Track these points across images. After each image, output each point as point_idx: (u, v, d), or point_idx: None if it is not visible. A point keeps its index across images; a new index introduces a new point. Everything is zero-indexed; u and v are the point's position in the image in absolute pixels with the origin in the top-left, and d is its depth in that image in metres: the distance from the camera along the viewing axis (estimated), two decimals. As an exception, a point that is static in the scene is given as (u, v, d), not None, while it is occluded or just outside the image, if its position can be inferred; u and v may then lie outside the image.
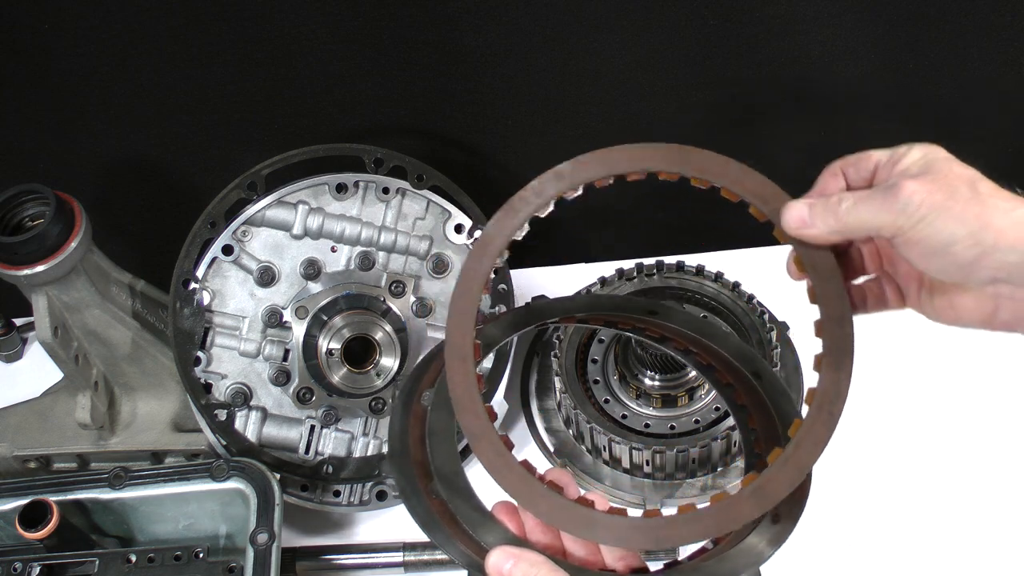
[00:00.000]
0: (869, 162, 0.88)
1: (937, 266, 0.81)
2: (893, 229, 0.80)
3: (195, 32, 1.43)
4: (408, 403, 0.94)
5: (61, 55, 1.44)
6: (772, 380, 1.00)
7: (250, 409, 1.41)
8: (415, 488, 0.88)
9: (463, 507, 0.86)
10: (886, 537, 1.34)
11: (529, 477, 0.80)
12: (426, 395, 0.93)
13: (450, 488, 0.87)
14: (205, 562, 1.23)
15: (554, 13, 1.42)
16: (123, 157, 1.60)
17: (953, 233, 0.78)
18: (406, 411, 0.93)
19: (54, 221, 1.26)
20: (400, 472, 0.90)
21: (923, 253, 0.80)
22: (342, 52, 1.47)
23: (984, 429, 1.42)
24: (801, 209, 0.85)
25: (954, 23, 1.45)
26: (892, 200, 0.80)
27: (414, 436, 0.91)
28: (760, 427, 0.97)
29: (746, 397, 1.01)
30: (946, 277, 0.82)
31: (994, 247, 0.78)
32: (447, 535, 0.86)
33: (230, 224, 1.41)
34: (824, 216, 0.83)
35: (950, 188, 0.80)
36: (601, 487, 1.43)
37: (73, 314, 1.36)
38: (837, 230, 0.83)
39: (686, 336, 1.08)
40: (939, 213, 0.78)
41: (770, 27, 1.44)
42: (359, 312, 1.43)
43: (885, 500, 1.37)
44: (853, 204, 0.82)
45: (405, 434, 0.91)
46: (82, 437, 1.44)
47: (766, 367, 1.02)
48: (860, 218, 0.81)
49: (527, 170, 1.79)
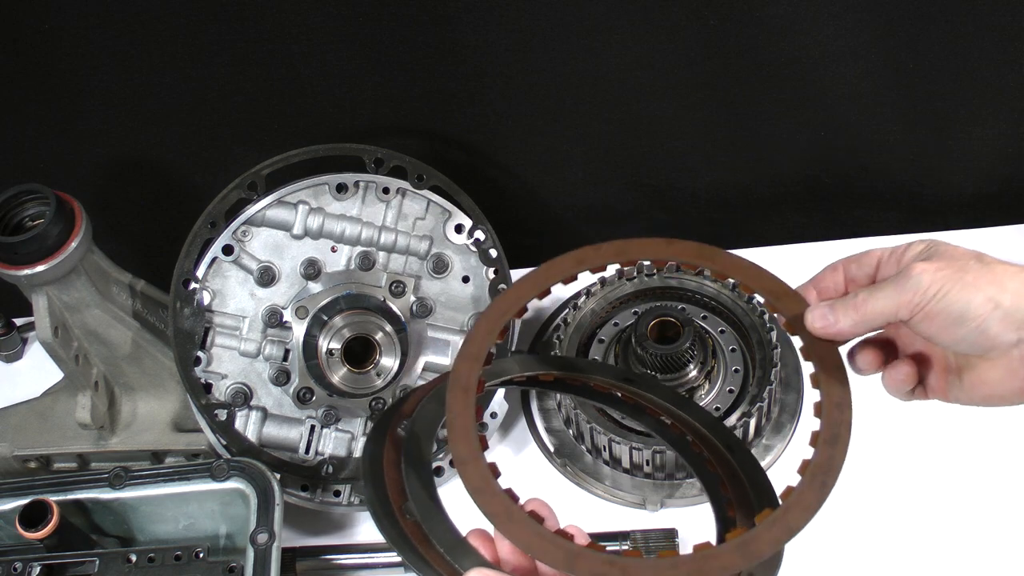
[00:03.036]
0: (871, 259, 0.91)
1: (959, 336, 0.83)
2: (911, 308, 0.84)
3: (195, 32, 1.43)
4: (383, 430, 0.96)
5: (61, 55, 1.45)
6: (744, 452, 1.06)
7: (250, 409, 1.41)
8: (388, 509, 0.89)
9: (437, 529, 0.87)
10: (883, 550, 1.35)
11: (511, 504, 0.80)
12: (404, 424, 0.96)
13: (424, 510, 0.88)
14: (205, 562, 1.23)
15: (554, 13, 1.42)
16: (123, 157, 1.61)
17: (969, 300, 0.81)
18: (381, 437, 0.95)
19: (54, 221, 1.26)
20: (373, 491, 0.90)
21: (943, 325, 0.83)
22: (342, 52, 1.47)
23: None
24: (824, 310, 0.88)
25: (954, 23, 1.45)
26: (904, 281, 0.84)
27: (388, 459, 0.93)
28: (733, 495, 1.01)
29: (719, 467, 1.05)
30: (970, 348, 0.85)
31: (1014, 307, 0.81)
32: (421, 557, 0.86)
33: (230, 224, 1.41)
34: (845, 312, 0.87)
35: (958, 263, 0.83)
36: (601, 487, 1.43)
37: (73, 314, 1.36)
38: (859, 322, 0.86)
39: (660, 406, 1.12)
40: (952, 284, 0.82)
41: (770, 27, 1.44)
42: (359, 312, 1.43)
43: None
44: (869, 294, 0.86)
45: (379, 457, 0.93)
46: (82, 437, 1.44)
47: (738, 440, 1.07)
48: (878, 305, 0.85)
49: (527, 170, 1.81)
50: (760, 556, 0.79)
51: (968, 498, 1.36)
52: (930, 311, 0.83)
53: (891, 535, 1.34)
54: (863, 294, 0.86)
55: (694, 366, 1.41)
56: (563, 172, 1.68)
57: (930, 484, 1.38)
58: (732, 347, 1.49)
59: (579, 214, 1.76)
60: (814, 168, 1.67)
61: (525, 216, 1.70)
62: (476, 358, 0.88)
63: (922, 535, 1.34)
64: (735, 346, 1.49)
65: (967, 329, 0.82)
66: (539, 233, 1.75)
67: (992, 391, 0.87)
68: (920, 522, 1.35)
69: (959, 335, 0.83)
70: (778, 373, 1.42)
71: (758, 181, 1.69)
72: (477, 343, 0.88)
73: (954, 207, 1.71)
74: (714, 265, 0.92)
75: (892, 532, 1.35)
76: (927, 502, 1.37)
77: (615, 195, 1.73)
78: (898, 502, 1.37)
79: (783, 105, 1.56)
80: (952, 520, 1.34)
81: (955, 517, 1.35)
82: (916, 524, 1.35)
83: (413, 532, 0.88)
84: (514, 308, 0.91)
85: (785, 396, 1.47)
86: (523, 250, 1.57)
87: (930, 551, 1.32)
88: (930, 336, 0.85)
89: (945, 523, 1.34)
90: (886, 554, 1.33)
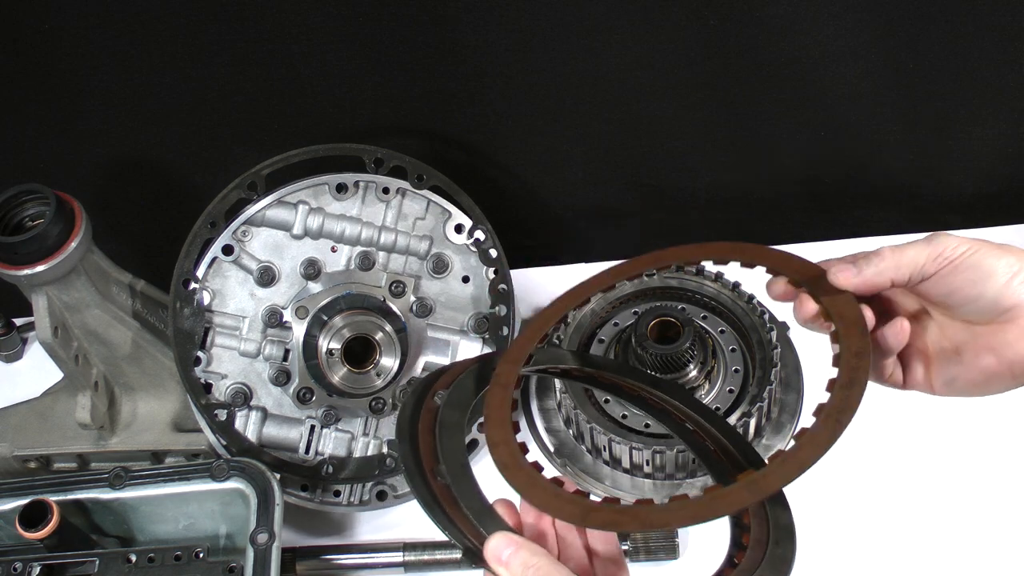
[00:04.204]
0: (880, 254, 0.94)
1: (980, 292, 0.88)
2: (939, 261, 0.88)
3: (195, 32, 1.43)
4: (421, 397, 0.99)
5: (61, 55, 1.45)
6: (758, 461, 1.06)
7: (250, 409, 1.41)
8: (420, 468, 0.92)
9: (466, 493, 0.89)
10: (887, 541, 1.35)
11: (535, 474, 0.88)
12: (440, 394, 0.99)
13: (455, 474, 0.90)
14: (205, 562, 1.23)
15: (554, 13, 1.42)
16: (123, 157, 1.61)
17: (998, 259, 0.87)
18: (418, 402, 0.98)
19: (54, 221, 1.26)
20: (409, 451, 0.93)
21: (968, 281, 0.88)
22: (342, 52, 1.47)
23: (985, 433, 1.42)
24: (846, 263, 0.92)
25: (954, 23, 1.45)
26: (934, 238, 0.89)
27: (424, 424, 0.96)
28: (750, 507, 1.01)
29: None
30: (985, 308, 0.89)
31: None
32: (448, 517, 0.89)
33: (230, 224, 1.41)
34: (868, 263, 0.91)
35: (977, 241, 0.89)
36: (601, 487, 1.43)
37: (73, 314, 1.36)
38: (882, 270, 0.90)
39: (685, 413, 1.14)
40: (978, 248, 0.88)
41: (770, 27, 1.44)
42: (359, 312, 1.43)
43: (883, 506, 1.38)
44: (896, 248, 0.90)
45: (416, 420, 0.96)
46: (82, 437, 1.44)
47: (758, 457, 1.08)
48: (906, 256, 0.89)
49: (527, 170, 1.81)
50: (769, 491, 0.81)
51: (968, 497, 1.37)
52: (958, 264, 0.87)
53: (891, 535, 1.35)
54: (889, 248, 0.90)
55: (694, 366, 1.41)
56: (563, 172, 1.68)
57: (929, 483, 1.39)
58: (732, 347, 1.49)
59: (579, 214, 1.76)
60: (814, 168, 1.67)
61: (525, 216, 1.70)
62: (517, 361, 0.99)
63: (921, 534, 1.34)
64: (735, 346, 1.49)
65: (992, 286, 0.87)
66: (539, 233, 1.75)
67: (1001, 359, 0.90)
68: (919, 521, 1.35)
69: (981, 291, 0.87)
70: (778, 373, 1.42)
71: (758, 181, 1.69)
72: (520, 348, 1.01)
73: (954, 207, 1.71)
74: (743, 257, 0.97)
75: (892, 532, 1.35)
76: (926, 501, 1.37)
77: (615, 195, 1.73)
78: (898, 501, 1.37)
79: (783, 105, 1.56)
80: (952, 520, 1.35)
81: (955, 517, 1.35)
82: (915, 524, 1.35)
83: (443, 494, 0.90)
84: (555, 319, 1.03)
85: (785, 396, 1.47)
86: (523, 250, 1.58)
87: (929, 550, 1.32)
88: (946, 294, 0.89)
89: (945, 523, 1.34)
90: (886, 553, 1.33)
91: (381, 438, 1.43)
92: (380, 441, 1.43)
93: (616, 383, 1.17)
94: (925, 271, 0.89)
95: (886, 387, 0.99)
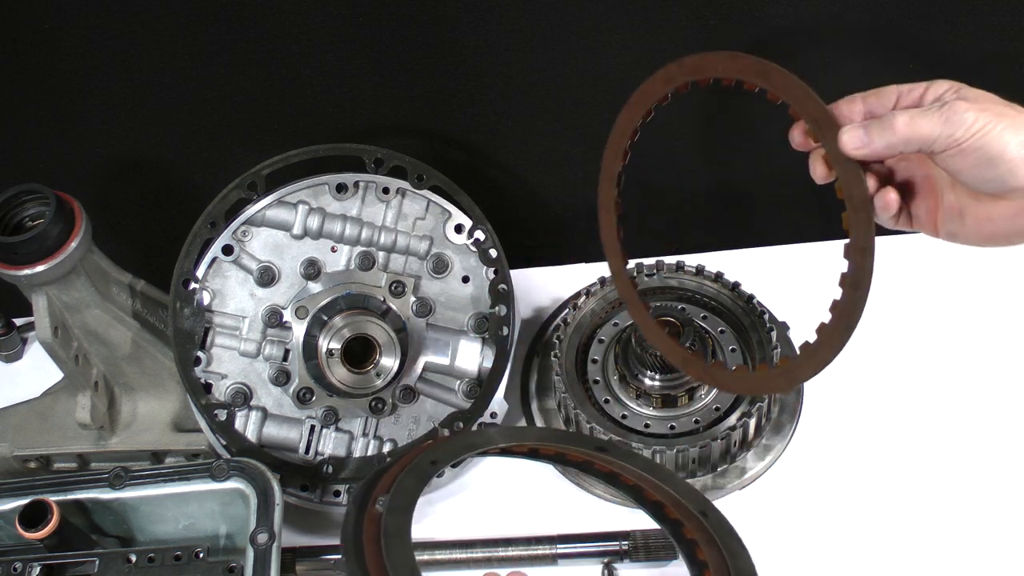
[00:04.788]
0: (890, 93, 0.95)
1: (987, 175, 0.87)
2: (948, 141, 0.87)
3: (195, 32, 1.43)
4: (362, 507, 1.00)
5: (61, 55, 1.45)
6: (719, 518, 1.11)
7: (250, 409, 1.41)
8: None
9: None
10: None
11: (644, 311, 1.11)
12: (381, 500, 0.99)
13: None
14: (205, 562, 1.23)
15: (554, 13, 1.42)
16: (123, 157, 1.61)
17: (1008, 143, 0.85)
18: (360, 511, 0.99)
19: (54, 221, 1.26)
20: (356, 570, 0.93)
21: (975, 163, 0.87)
22: (342, 52, 1.47)
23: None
24: (858, 130, 0.90)
25: (954, 23, 1.45)
26: (950, 114, 0.87)
27: (369, 535, 0.96)
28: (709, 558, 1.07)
29: (695, 532, 1.10)
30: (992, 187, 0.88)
31: None
32: None
33: (230, 224, 1.41)
34: (881, 133, 0.89)
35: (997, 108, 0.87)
36: (601, 487, 1.43)
37: (73, 314, 1.36)
38: (893, 143, 0.89)
39: (634, 474, 1.17)
40: (995, 124, 0.86)
41: (770, 27, 1.44)
42: (359, 312, 1.43)
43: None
44: (911, 119, 0.88)
45: (359, 533, 0.96)
46: (82, 437, 1.44)
47: (712, 506, 1.12)
48: (920, 131, 0.88)
49: (527, 170, 1.80)
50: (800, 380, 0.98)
51: (967, 496, 1.37)
52: (967, 147, 0.86)
53: (890, 534, 1.35)
54: (903, 117, 0.89)
55: (694, 366, 1.41)
56: (563, 172, 1.68)
57: (929, 481, 1.39)
58: (732, 347, 1.49)
59: (579, 214, 1.75)
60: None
61: (525, 216, 1.70)
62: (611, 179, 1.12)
63: (920, 533, 1.34)
64: (735, 346, 1.49)
65: (998, 170, 0.86)
66: (539, 233, 1.75)
67: (997, 229, 0.91)
68: (918, 520, 1.35)
69: (988, 175, 0.87)
70: (778, 373, 1.42)
71: (758, 181, 1.69)
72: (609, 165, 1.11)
73: (954, 207, 1.71)
74: (767, 84, 0.97)
75: (891, 531, 1.35)
76: (926, 501, 1.37)
77: (615, 195, 1.72)
78: (897, 501, 1.37)
79: (783, 105, 1.56)
80: (951, 519, 1.35)
81: (955, 517, 1.35)
82: (915, 523, 1.35)
83: None
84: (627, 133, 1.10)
85: (785, 396, 1.47)
86: (523, 250, 1.57)
87: (928, 549, 1.32)
88: (955, 171, 0.89)
89: (944, 522, 1.34)
90: (886, 552, 1.33)
91: (381, 438, 1.43)
92: (380, 441, 1.43)
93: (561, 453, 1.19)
94: (935, 148, 0.88)
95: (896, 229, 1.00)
